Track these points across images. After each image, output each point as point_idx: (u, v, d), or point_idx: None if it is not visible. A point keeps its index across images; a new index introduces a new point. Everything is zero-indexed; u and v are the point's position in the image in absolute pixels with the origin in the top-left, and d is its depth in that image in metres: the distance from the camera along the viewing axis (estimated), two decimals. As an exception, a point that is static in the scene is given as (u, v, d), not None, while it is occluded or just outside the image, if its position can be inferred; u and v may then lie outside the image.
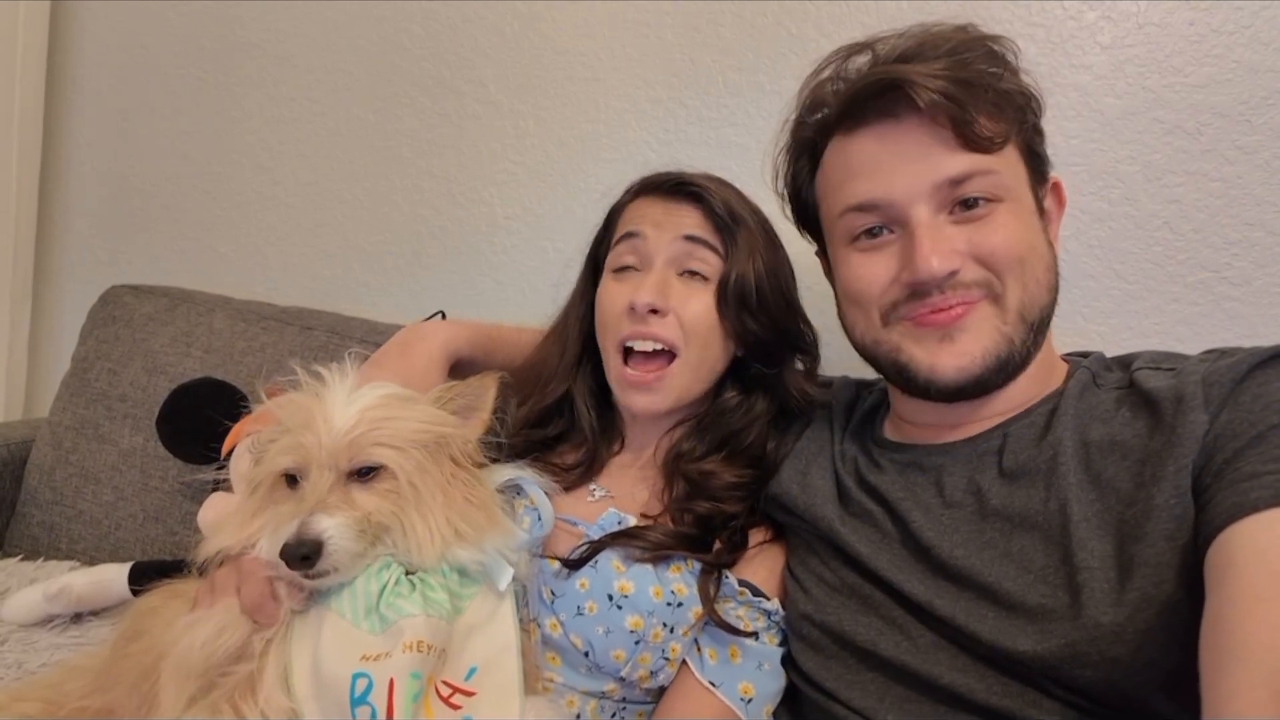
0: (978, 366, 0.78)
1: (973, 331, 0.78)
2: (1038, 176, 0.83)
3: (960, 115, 0.76)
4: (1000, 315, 0.78)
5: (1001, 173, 0.78)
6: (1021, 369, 0.80)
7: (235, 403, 1.29)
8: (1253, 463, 0.62)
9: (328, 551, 0.71)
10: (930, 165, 0.78)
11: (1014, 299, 0.78)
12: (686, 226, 0.94)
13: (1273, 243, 1.14)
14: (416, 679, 0.70)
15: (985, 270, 0.78)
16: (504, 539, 0.81)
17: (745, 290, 0.93)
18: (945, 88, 0.75)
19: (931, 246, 0.77)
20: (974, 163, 0.77)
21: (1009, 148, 0.79)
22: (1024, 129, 0.81)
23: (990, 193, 0.78)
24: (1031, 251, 0.79)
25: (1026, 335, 0.79)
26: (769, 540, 0.97)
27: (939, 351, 0.79)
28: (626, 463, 1.03)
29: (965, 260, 0.77)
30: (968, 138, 0.76)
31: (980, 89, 0.77)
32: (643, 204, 0.98)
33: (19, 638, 1.16)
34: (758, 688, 0.88)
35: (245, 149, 1.76)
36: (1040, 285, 0.79)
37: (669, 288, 0.93)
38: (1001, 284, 0.78)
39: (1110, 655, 0.65)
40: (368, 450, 0.76)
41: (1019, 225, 0.78)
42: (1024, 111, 0.81)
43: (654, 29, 1.44)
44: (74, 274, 1.94)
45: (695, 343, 0.93)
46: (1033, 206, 0.81)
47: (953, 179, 0.77)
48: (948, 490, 0.81)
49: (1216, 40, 1.15)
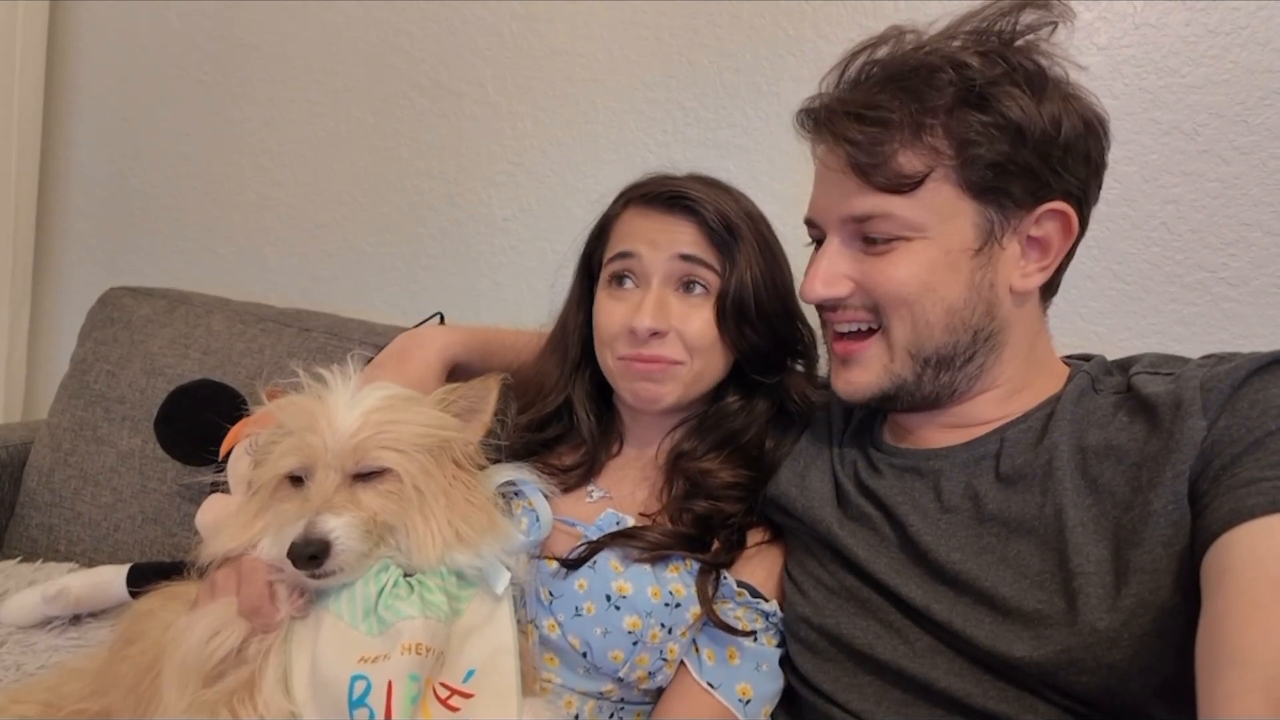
0: (862, 394, 0.85)
1: (861, 366, 0.84)
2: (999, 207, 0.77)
3: (863, 162, 0.77)
4: (888, 353, 0.82)
5: (906, 215, 0.77)
6: (932, 399, 0.83)
7: (234, 404, 1.29)
8: (1250, 469, 0.62)
9: (335, 551, 0.71)
10: (840, 198, 0.81)
11: (900, 336, 0.81)
12: (682, 245, 0.93)
13: (1270, 243, 1.14)
14: (415, 681, 0.70)
15: (872, 302, 0.81)
16: (502, 542, 0.81)
17: (744, 303, 0.92)
18: (849, 133, 0.77)
19: (819, 271, 0.83)
20: (876, 204, 0.78)
21: (935, 184, 0.76)
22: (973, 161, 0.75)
23: (890, 234, 0.78)
24: (924, 293, 0.78)
25: (921, 370, 0.81)
26: (767, 541, 0.97)
27: (838, 374, 0.88)
28: (625, 464, 1.03)
29: (855, 289, 0.82)
30: (871, 180, 0.77)
31: (900, 127, 0.76)
32: (635, 217, 0.97)
33: (17, 640, 1.17)
34: (756, 689, 0.89)
35: (244, 150, 1.76)
36: (931, 326, 0.79)
37: (668, 307, 0.92)
38: (887, 319, 0.81)
39: (1106, 661, 0.65)
40: (373, 453, 0.77)
41: (915, 266, 0.78)
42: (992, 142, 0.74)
43: (652, 30, 1.44)
44: (73, 275, 1.94)
45: (698, 356, 0.94)
46: (958, 244, 0.77)
47: (855, 216, 0.80)
48: (945, 495, 0.81)
49: (1213, 41, 1.15)
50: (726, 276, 0.93)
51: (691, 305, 0.93)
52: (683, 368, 0.94)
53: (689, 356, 0.93)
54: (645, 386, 0.94)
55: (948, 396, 0.83)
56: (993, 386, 0.83)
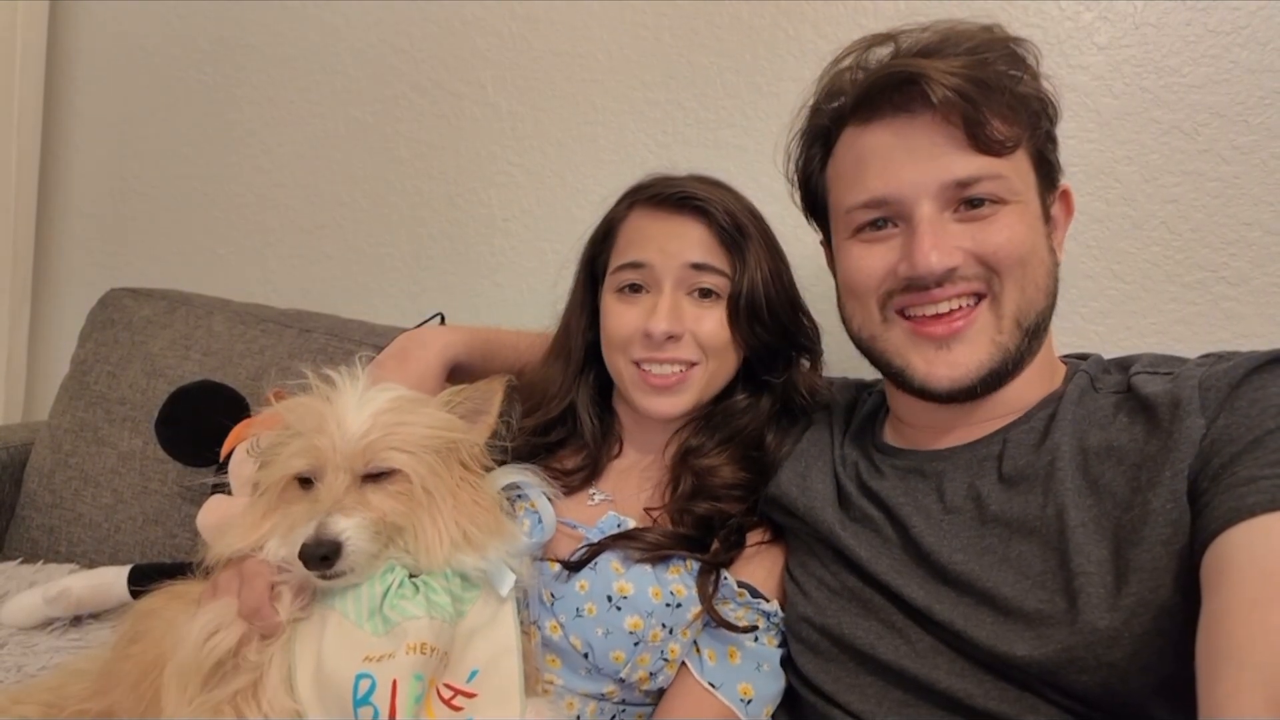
0: (971, 378, 0.79)
1: (969, 343, 0.79)
2: (1047, 183, 0.82)
3: (973, 116, 0.75)
4: (996, 324, 0.79)
5: (1010, 177, 0.78)
6: (1017, 373, 0.80)
7: (234, 405, 1.29)
8: (1249, 467, 0.62)
9: (346, 552, 0.72)
10: (940, 165, 0.77)
11: (1011, 302, 0.78)
12: (692, 251, 0.93)
13: (1270, 242, 1.14)
14: (419, 680, 0.70)
15: (985, 269, 0.78)
16: (508, 544, 0.81)
17: (755, 302, 0.93)
18: (961, 86, 0.74)
19: (933, 242, 0.77)
20: (983, 165, 0.77)
21: (1020, 152, 0.78)
22: (1036, 134, 0.80)
23: (996, 195, 0.77)
24: (1033, 255, 0.78)
25: (1021, 341, 0.79)
26: (767, 541, 0.97)
27: (935, 360, 0.80)
28: (626, 467, 1.03)
29: (965, 257, 0.78)
30: (979, 139, 0.76)
31: (996, 90, 0.76)
32: (642, 219, 0.97)
33: (18, 641, 1.16)
34: (757, 689, 0.89)
35: (244, 151, 1.76)
36: (1039, 290, 0.79)
37: (681, 310, 0.93)
38: (1001, 284, 0.78)
39: (1107, 660, 0.66)
40: (383, 454, 0.77)
41: (1023, 228, 0.78)
42: (1039, 117, 0.80)
43: (652, 31, 1.44)
44: (73, 277, 1.94)
45: (713, 356, 0.94)
46: (1039, 212, 0.81)
47: (960, 180, 0.77)
48: (948, 496, 0.81)
49: (1213, 40, 1.15)
50: (737, 277, 0.93)
51: (704, 308, 0.94)
52: (698, 370, 0.94)
53: (704, 357, 0.94)
54: (661, 401, 0.94)
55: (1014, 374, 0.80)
56: (1029, 367, 0.82)
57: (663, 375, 0.93)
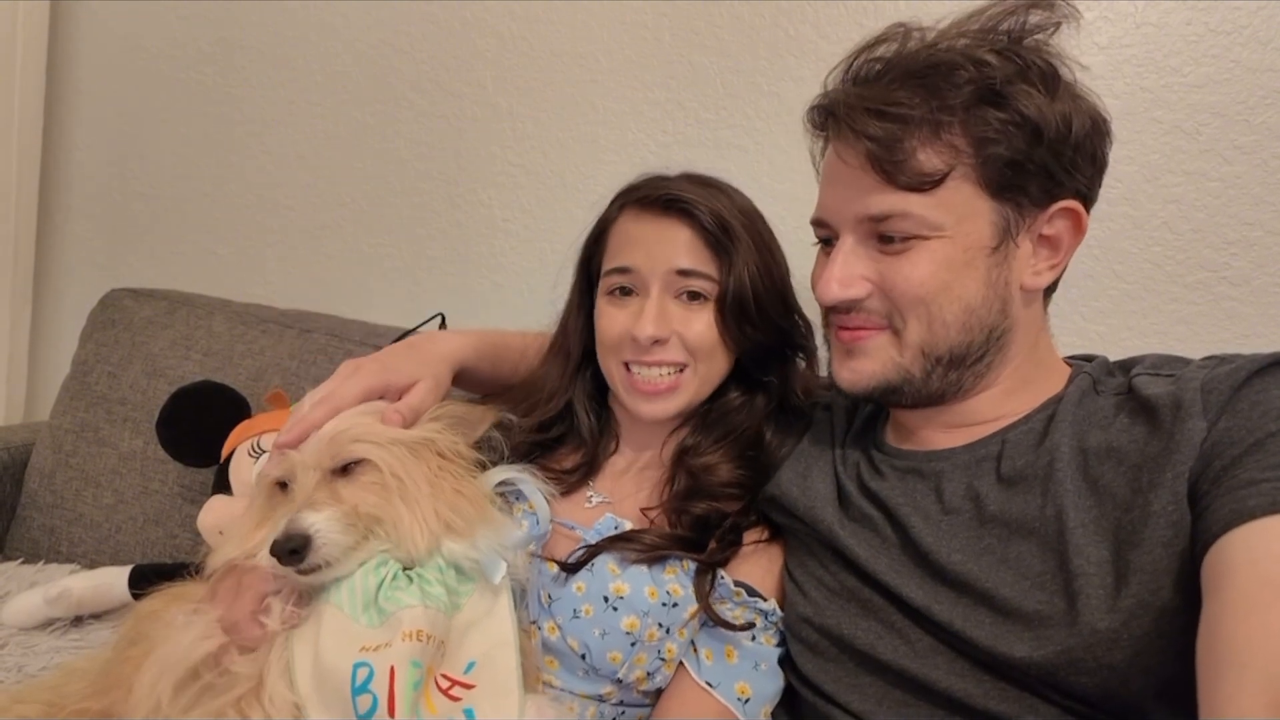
0: (864, 386, 0.83)
1: (867, 356, 0.83)
2: (1014, 205, 0.77)
3: (884, 159, 0.75)
4: (897, 346, 0.81)
5: (925, 214, 0.76)
6: (937, 396, 0.82)
7: (235, 406, 1.29)
8: (1250, 470, 0.62)
9: (316, 545, 0.73)
10: (856, 197, 0.79)
11: (914, 336, 0.80)
12: (677, 255, 0.93)
13: (1271, 242, 1.14)
14: (417, 667, 0.71)
15: (888, 303, 0.80)
16: (497, 534, 0.82)
17: (744, 302, 0.93)
18: (870, 129, 0.75)
19: (834, 273, 0.81)
20: (895, 203, 0.77)
21: (954, 183, 0.76)
22: (992, 159, 0.74)
23: (909, 232, 0.77)
24: (942, 292, 0.77)
25: (931, 368, 0.80)
26: (765, 540, 0.97)
27: (841, 364, 0.86)
28: (623, 466, 1.03)
29: (872, 290, 0.80)
30: (892, 178, 0.76)
31: (920, 124, 0.74)
32: (631, 222, 0.96)
33: (19, 641, 1.17)
34: (755, 688, 0.89)
35: (244, 152, 1.76)
36: (947, 326, 0.78)
37: (668, 314, 0.93)
38: (903, 320, 0.80)
39: (1106, 661, 0.65)
40: (348, 446, 0.79)
41: (933, 265, 0.77)
42: (1010, 140, 0.74)
43: (652, 31, 1.44)
44: (74, 277, 1.94)
45: (701, 357, 0.94)
46: (976, 243, 0.77)
47: (872, 216, 0.78)
48: (947, 496, 0.81)
49: (1214, 40, 1.15)
50: (724, 279, 0.93)
51: (691, 310, 0.94)
52: (688, 373, 0.94)
53: (692, 359, 0.94)
54: (651, 406, 0.94)
55: (952, 394, 0.82)
56: (994, 384, 0.83)
57: (651, 382, 0.93)
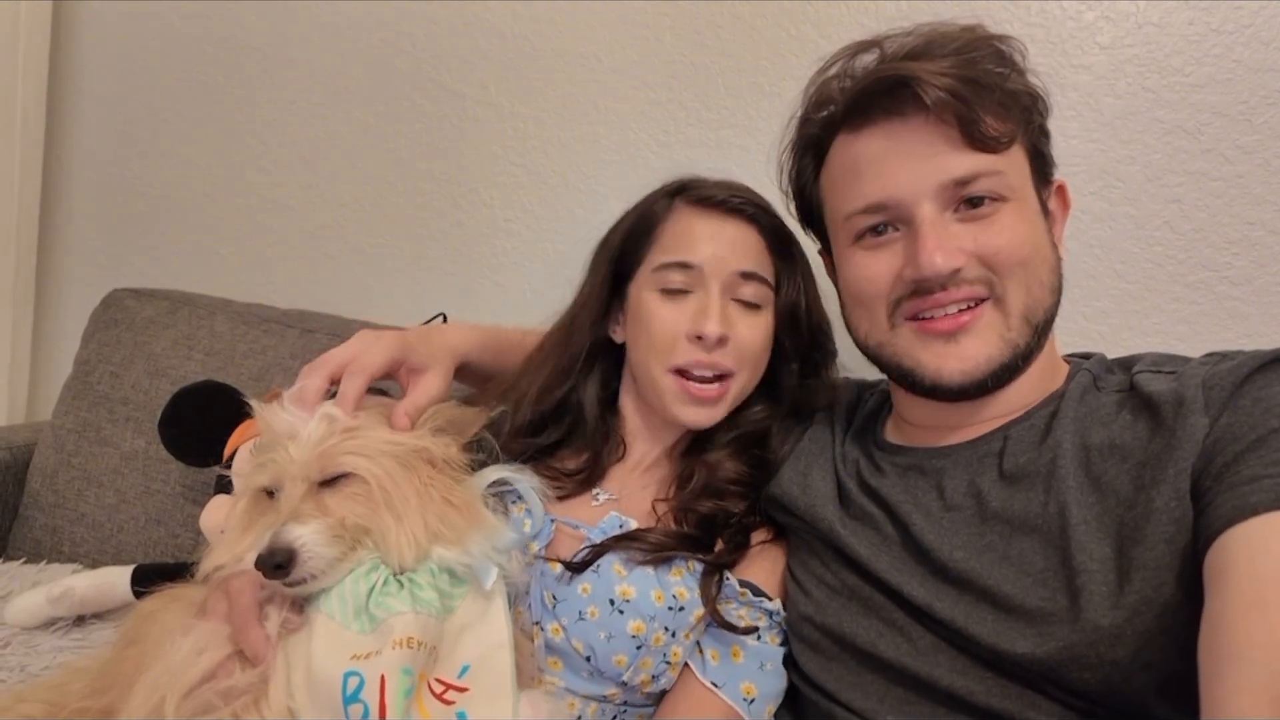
0: (981, 370, 0.78)
1: (977, 337, 0.79)
2: (1042, 178, 0.83)
3: (967, 114, 0.75)
4: (1004, 320, 0.78)
5: (1007, 173, 0.78)
6: (1025, 368, 0.81)
7: (237, 406, 1.29)
8: (1253, 466, 0.62)
9: (302, 559, 0.72)
10: (936, 164, 0.77)
11: (1016, 301, 0.78)
12: (743, 258, 0.92)
13: (1273, 242, 1.14)
14: (408, 675, 0.70)
15: (987, 270, 0.78)
16: (489, 538, 0.81)
17: (798, 316, 0.94)
18: (952, 86, 0.75)
19: (935, 243, 0.76)
20: (980, 162, 0.76)
21: (1015, 148, 0.79)
22: (1029, 130, 0.80)
23: (996, 192, 0.77)
24: (1035, 253, 0.79)
25: (1030, 337, 0.79)
26: (770, 540, 0.97)
27: (945, 354, 0.79)
28: (629, 467, 1.02)
29: (968, 258, 0.77)
30: (974, 137, 0.76)
31: (987, 88, 0.76)
32: (694, 218, 0.95)
33: (21, 640, 1.16)
34: (760, 688, 0.88)
35: (246, 152, 1.76)
36: (1043, 287, 0.79)
37: (729, 316, 0.92)
38: (1004, 286, 0.78)
39: (1109, 658, 0.65)
40: (337, 459, 0.78)
41: (1024, 226, 0.78)
42: (1030, 112, 0.80)
43: (653, 31, 1.44)
44: (76, 277, 1.94)
45: (748, 365, 0.94)
46: (1037, 208, 0.81)
47: (959, 179, 0.77)
48: (948, 493, 0.81)
49: (1216, 40, 1.15)
50: (784, 288, 0.93)
51: (748, 317, 0.94)
52: (733, 381, 0.93)
53: (740, 366, 0.93)
54: (698, 412, 0.93)
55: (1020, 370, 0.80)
56: (1034, 365, 0.82)
57: (705, 389, 0.92)
